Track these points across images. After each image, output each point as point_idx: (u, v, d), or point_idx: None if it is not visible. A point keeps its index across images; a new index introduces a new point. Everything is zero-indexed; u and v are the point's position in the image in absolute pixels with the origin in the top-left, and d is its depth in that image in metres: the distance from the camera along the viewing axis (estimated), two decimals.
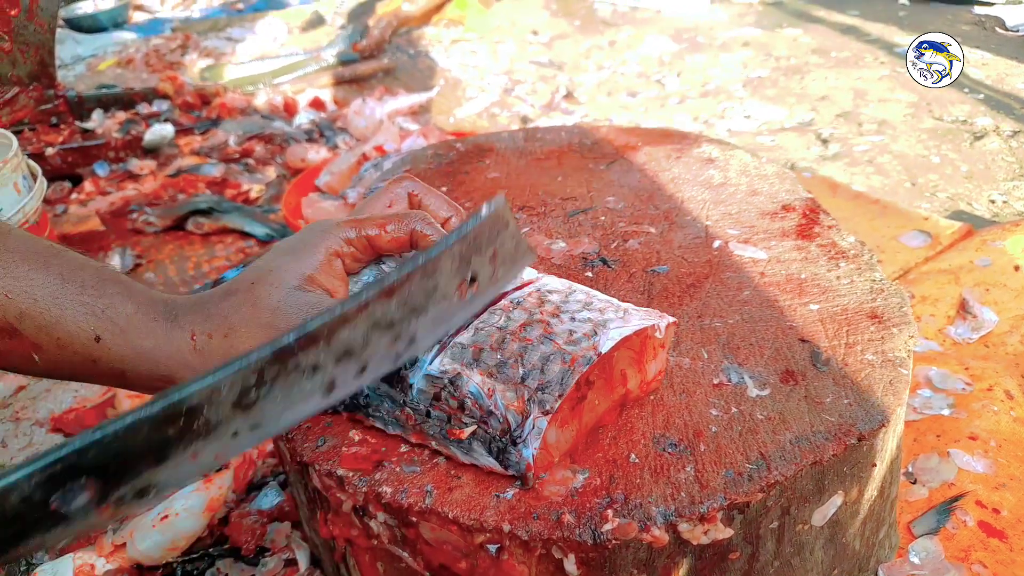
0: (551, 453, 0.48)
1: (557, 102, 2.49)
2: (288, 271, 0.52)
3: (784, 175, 0.86)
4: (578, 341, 0.49)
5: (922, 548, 0.69)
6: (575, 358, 0.48)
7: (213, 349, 0.52)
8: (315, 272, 0.53)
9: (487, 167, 0.94)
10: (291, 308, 0.51)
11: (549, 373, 0.48)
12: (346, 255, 0.55)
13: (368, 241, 0.55)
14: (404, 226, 0.54)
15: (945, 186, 1.80)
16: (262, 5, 3.66)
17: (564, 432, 0.49)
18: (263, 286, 0.52)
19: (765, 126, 2.21)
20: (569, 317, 0.52)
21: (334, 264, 0.54)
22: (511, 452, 0.47)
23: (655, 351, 0.53)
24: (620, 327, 0.50)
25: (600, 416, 0.52)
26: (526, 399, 0.47)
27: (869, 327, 0.61)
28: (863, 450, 0.52)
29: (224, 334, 0.52)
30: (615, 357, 0.50)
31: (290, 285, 0.52)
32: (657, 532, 0.46)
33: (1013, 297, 1.08)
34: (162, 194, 1.80)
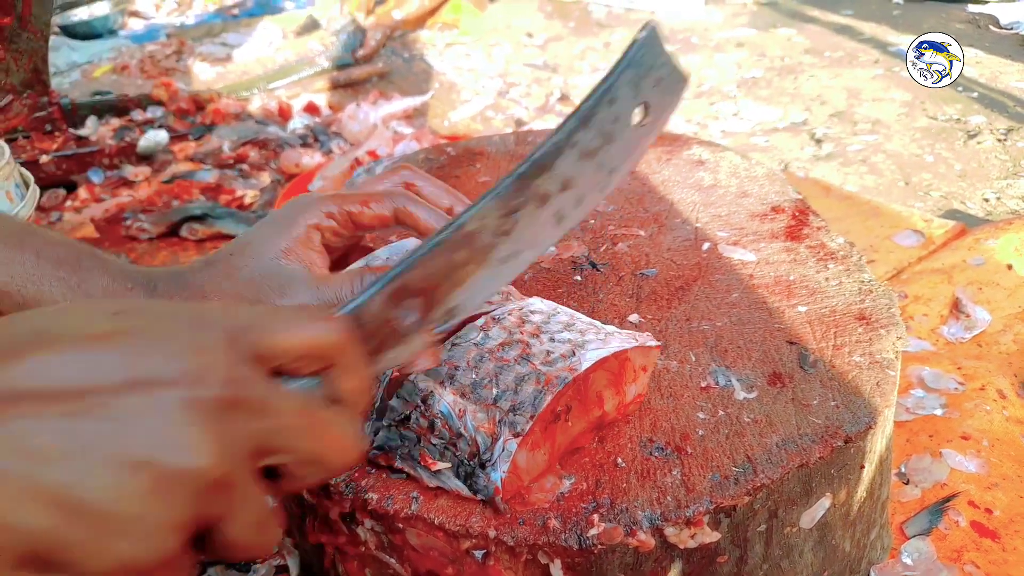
0: (521, 477, 0.47)
1: (552, 104, 2.49)
2: (266, 244, 0.53)
3: (774, 176, 0.86)
4: (554, 362, 0.48)
5: (914, 549, 0.69)
6: (549, 379, 0.47)
7: None
8: (292, 245, 0.53)
9: (478, 171, 0.94)
10: (265, 280, 0.51)
11: (522, 394, 0.47)
12: (325, 228, 0.54)
13: (349, 217, 0.54)
14: (387, 204, 0.54)
15: (939, 185, 1.80)
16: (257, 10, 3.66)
17: (536, 455, 0.47)
18: (240, 257, 0.53)
19: (759, 126, 2.22)
20: (549, 338, 0.51)
21: (312, 237, 0.54)
22: (479, 476, 0.46)
23: (635, 374, 0.52)
24: (598, 348, 0.49)
25: (575, 438, 0.50)
26: (497, 420, 0.46)
27: (857, 328, 0.61)
28: (850, 452, 0.52)
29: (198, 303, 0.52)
30: (591, 379, 0.49)
31: (267, 257, 0.52)
32: (643, 536, 0.46)
33: (1006, 296, 1.09)
34: (156, 200, 1.80)
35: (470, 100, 2.58)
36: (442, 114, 2.46)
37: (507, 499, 0.47)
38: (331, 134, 2.12)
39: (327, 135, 2.10)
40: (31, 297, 0.50)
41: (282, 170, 1.94)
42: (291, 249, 0.53)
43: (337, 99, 2.49)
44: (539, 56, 2.99)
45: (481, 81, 2.75)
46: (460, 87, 2.70)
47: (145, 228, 1.67)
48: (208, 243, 1.66)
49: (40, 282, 0.50)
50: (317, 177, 1.60)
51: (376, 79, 2.71)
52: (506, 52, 3.05)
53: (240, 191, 1.82)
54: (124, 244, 1.67)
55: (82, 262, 0.52)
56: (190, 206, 1.72)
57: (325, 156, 1.96)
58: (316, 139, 2.09)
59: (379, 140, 1.68)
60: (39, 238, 0.52)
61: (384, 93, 2.49)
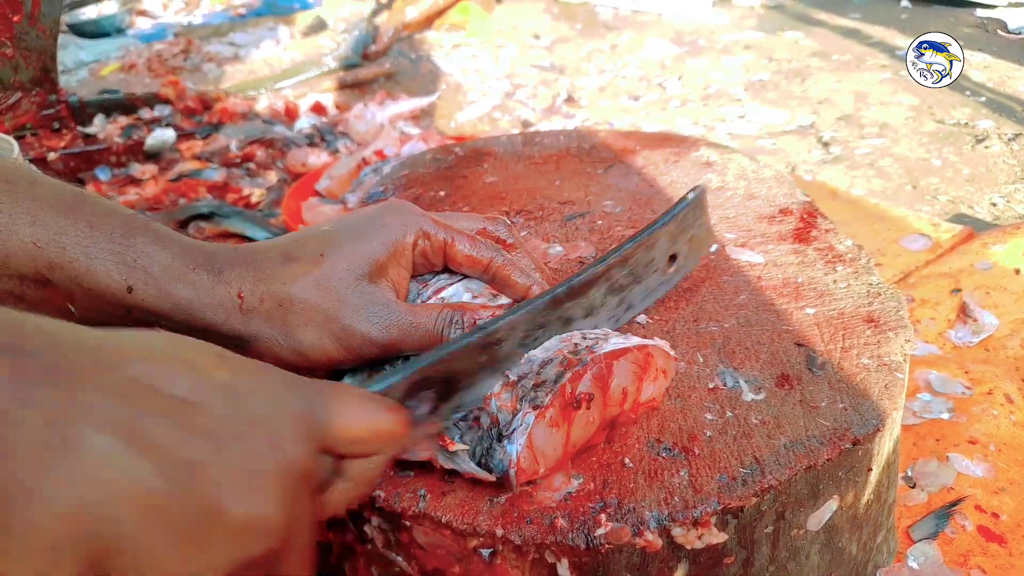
0: (536, 458, 0.47)
1: (558, 106, 2.49)
2: (358, 252, 0.50)
3: (782, 179, 0.86)
4: (580, 352, 0.49)
5: (921, 553, 0.69)
6: (571, 361, 0.48)
7: (265, 314, 0.50)
8: (386, 259, 0.51)
9: (485, 171, 0.94)
10: (357, 304, 0.49)
11: (544, 374, 0.47)
12: (419, 249, 0.52)
13: (445, 246, 0.52)
14: (488, 253, 0.53)
15: (946, 189, 1.79)
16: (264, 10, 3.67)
17: (552, 436, 0.47)
18: (332, 263, 0.50)
19: (766, 129, 2.21)
20: (581, 335, 0.51)
21: (405, 252, 0.52)
22: (495, 449, 0.46)
23: (656, 374, 0.52)
24: (622, 342, 0.50)
25: (590, 435, 0.50)
26: (519, 398, 0.47)
27: (865, 331, 0.61)
28: (858, 454, 0.52)
29: (279, 303, 0.49)
30: (615, 368, 0.49)
31: (359, 271, 0.50)
32: (650, 536, 0.46)
33: (1013, 301, 1.08)
34: (163, 199, 1.80)
35: (477, 101, 2.58)
36: (448, 115, 2.46)
37: (521, 483, 0.46)
38: (338, 134, 2.12)
39: (334, 135, 2.11)
40: (83, 269, 0.48)
41: (288, 169, 1.94)
42: (384, 265, 0.51)
43: (344, 99, 2.49)
44: (546, 58, 2.99)
45: (488, 82, 2.75)
46: (467, 88, 2.71)
47: None
48: (215, 241, 1.66)
49: (93, 255, 0.48)
50: (324, 176, 1.60)
51: (383, 79, 2.71)
52: (513, 53, 3.05)
53: (247, 190, 1.83)
54: None
55: (137, 236, 0.49)
56: (197, 204, 1.72)
57: (332, 156, 1.96)
58: (323, 139, 2.10)
59: (386, 140, 1.68)
60: (93, 207, 0.49)
61: (391, 93, 2.49)
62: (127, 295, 0.49)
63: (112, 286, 0.48)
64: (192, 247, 0.51)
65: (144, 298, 0.49)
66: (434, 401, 0.45)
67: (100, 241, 0.48)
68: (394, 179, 0.94)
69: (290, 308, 0.49)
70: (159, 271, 0.49)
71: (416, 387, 0.43)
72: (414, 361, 0.44)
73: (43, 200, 0.48)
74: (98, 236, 0.48)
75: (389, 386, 0.42)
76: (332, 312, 0.49)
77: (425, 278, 0.57)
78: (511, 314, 0.47)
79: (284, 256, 0.51)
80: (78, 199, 0.50)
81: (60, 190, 0.50)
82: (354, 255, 0.50)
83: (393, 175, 0.95)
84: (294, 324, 0.49)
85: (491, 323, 0.46)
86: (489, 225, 0.56)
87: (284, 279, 0.50)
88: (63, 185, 0.51)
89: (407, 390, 0.43)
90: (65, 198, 0.49)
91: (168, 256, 0.49)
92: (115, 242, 0.48)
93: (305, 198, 1.58)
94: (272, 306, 0.49)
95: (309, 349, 0.50)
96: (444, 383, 0.45)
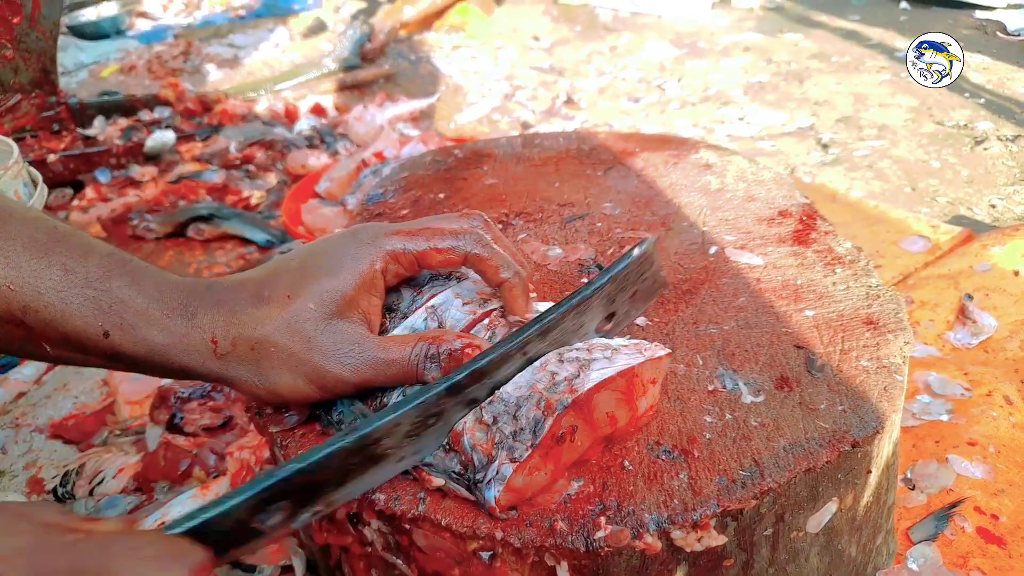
0: (519, 494, 0.46)
1: (558, 108, 2.49)
2: (328, 292, 0.50)
3: (781, 181, 0.86)
4: (558, 384, 0.47)
5: (920, 554, 0.69)
6: (550, 403, 0.46)
7: (237, 358, 0.50)
8: (355, 292, 0.50)
9: (485, 173, 0.94)
10: (326, 345, 0.49)
11: (522, 419, 0.46)
12: (390, 271, 0.52)
13: (416, 258, 0.52)
14: (459, 247, 0.51)
15: (945, 191, 1.80)
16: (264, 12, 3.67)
17: (535, 476, 0.46)
18: (300, 305, 0.49)
19: (765, 131, 2.22)
20: (558, 358, 0.49)
21: (377, 282, 0.51)
22: (474, 489, 0.46)
23: (644, 388, 0.51)
24: (603, 368, 0.48)
25: (583, 452, 0.49)
26: (495, 442, 0.46)
27: (864, 333, 0.61)
28: (857, 457, 0.52)
29: (251, 346, 0.49)
30: (595, 400, 0.48)
31: (327, 310, 0.49)
32: (650, 539, 0.46)
33: (1013, 302, 1.08)
34: (163, 200, 1.81)
35: (476, 103, 2.58)
36: (448, 116, 2.47)
37: (506, 509, 0.46)
38: (337, 135, 2.12)
39: (333, 136, 2.11)
40: (58, 314, 0.48)
41: (288, 171, 1.94)
42: (354, 299, 0.50)
43: (343, 101, 2.49)
44: (545, 59, 3.00)
45: (487, 84, 2.75)
46: (466, 90, 2.71)
47: (152, 228, 1.67)
48: (214, 243, 1.66)
49: (68, 300, 0.48)
50: (324, 178, 1.60)
51: (382, 81, 2.71)
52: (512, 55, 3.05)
53: (246, 192, 1.83)
54: (130, 244, 1.67)
55: (113, 279, 0.49)
56: (196, 206, 1.72)
57: (331, 157, 1.97)
58: (322, 140, 2.10)
59: (386, 142, 1.68)
60: (69, 247, 0.49)
61: (390, 95, 2.49)
62: (102, 339, 0.49)
63: (88, 331, 0.49)
64: (168, 287, 0.51)
65: (120, 343, 0.49)
66: (289, 511, 0.41)
67: (75, 286, 0.48)
68: (394, 181, 0.94)
69: (262, 351, 0.50)
70: (134, 318, 0.49)
71: (269, 502, 0.40)
72: (272, 473, 0.40)
73: (16, 240, 0.48)
74: (73, 281, 0.49)
75: (232, 507, 0.38)
76: (303, 355, 0.49)
77: (420, 282, 0.57)
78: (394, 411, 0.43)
79: (254, 297, 0.51)
80: (53, 238, 0.49)
81: (35, 228, 0.49)
82: (322, 293, 0.50)
83: (393, 177, 0.95)
84: (268, 367, 0.50)
85: (368, 424, 0.42)
86: (464, 222, 0.55)
87: (254, 323, 0.50)
88: (37, 220, 0.50)
89: (255, 508, 0.39)
90: (39, 238, 0.49)
91: (144, 301, 0.49)
92: (91, 287, 0.49)
93: (305, 200, 1.58)
94: (245, 350, 0.50)
95: (285, 390, 0.50)
96: (306, 490, 0.41)
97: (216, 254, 1.63)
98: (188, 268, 1.59)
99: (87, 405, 1.10)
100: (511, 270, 0.51)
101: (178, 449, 0.90)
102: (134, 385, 1.06)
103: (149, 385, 1.04)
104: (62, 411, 1.09)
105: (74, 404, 1.10)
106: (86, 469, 0.91)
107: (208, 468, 0.88)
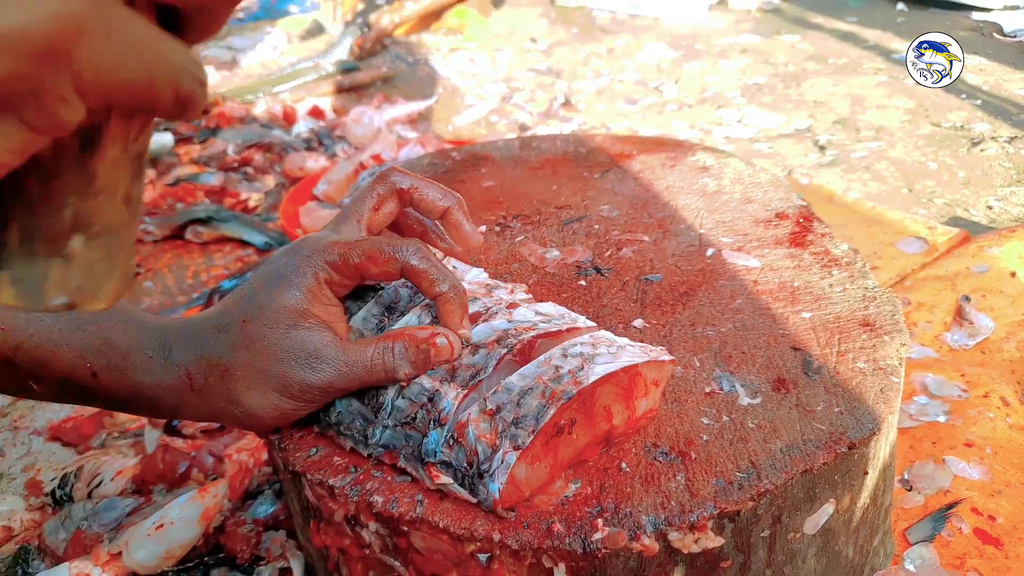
0: (521, 489, 0.47)
1: (555, 110, 2.50)
2: (279, 309, 0.50)
3: (778, 183, 0.86)
4: (562, 377, 0.47)
5: (917, 555, 0.69)
6: (555, 393, 0.46)
7: (211, 389, 0.51)
8: (307, 306, 0.51)
9: (482, 175, 0.94)
10: (288, 353, 0.50)
11: (525, 407, 0.46)
12: (334, 282, 0.52)
13: (356, 269, 0.52)
14: (395, 261, 0.50)
15: (942, 192, 1.80)
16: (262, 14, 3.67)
17: (536, 468, 0.47)
18: (256, 326, 0.50)
19: (763, 133, 2.22)
20: (562, 352, 0.50)
21: (324, 292, 0.52)
22: (477, 484, 0.46)
23: (646, 388, 0.51)
24: (607, 363, 0.48)
25: (580, 451, 0.50)
26: (499, 431, 0.46)
27: (861, 335, 0.61)
28: (854, 458, 0.52)
29: (220, 375, 0.51)
30: (598, 393, 0.48)
31: (284, 324, 0.50)
32: (647, 541, 0.46)
33: (1010, 304, 1.09)
34: (161, 203, 1.80)
35: (474, 105, 2.58)
36: (446, 119, 2.47)
37: (507, 507, 0.46)
38: (335, 138, 2.12)
39: (331, 139, 2.11)
40: (48, 355, 0.50)
41: (286, 173, 1.94)
42: (308, 312, 0.51)
43: (341, 103, 2.49)
44: (543, 61, 3.00)
45: (485, 86, 2.75)
46: (464, 92, 2.71)
47: (150, 230, 1.67)
48: (212, 245, 1.66)
49: (58, 342, 0.50)
50: (322, 181, 1.60)
51: (380, 83, 2.71)
52: (510, 57, 3.06)
53: (244, 194, 1.83)
54: None
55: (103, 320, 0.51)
56: (195, 209, 1.72)
57: (329, 160, 1.97)
58: (320, 143, 2.10)
59: (384, 144, 1.68)
60: None
61: (388, 97, 2.49)
62: (92, 379, 0.51)
63: (76, 372, 0.50)
64: (147, 330, 0.53)
65: (107, 384, 0.51)
66: None
67: (66, 329, 0.50)
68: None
69: (230, 376, 0.51)
70: (119, 360, 0.51)
71: None
72: None
73: None
74: (64, 324, 0.50)
75: None
76: (267, 368, 0.50)
77: None
78: None
79: (215, 329, 0.52)
80: None
81: None
82: (276, 311, 0.50)
83: None
84: (239, 390, 0.51)
85: None
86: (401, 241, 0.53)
87: (219, 352, 0.51)
88: None
89: None
90: None
91: (127, 342, 0.51)
92: (82, 329, 0.50)
93: (303, 202, 1.58)
94: (216, 380, 0.51)
95: (259, 409, 0.51)
96: None
97: (214, 257, 1.63)
98: (187, 271, 1.59)
99: (85, 408, 1.10)
100: (448, 283, 0.50)
101: (176, 451, 0.90)
102: None
103: None
104: (60, 414, 1.09)
105: (72, 407, 1.10)
106: (84, 471, 0.91)
107: (206, 470, 0.88)
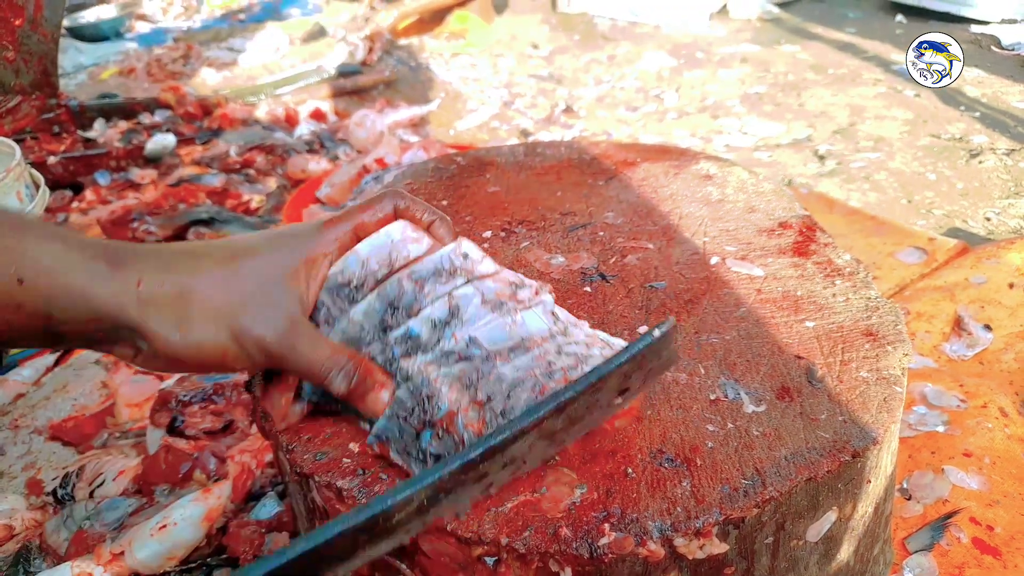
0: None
1: (556, 116, 2.50)
2: (272, 260, 0.53)
3: (781, 192, 0.87)
4: (554, 373, 0.48)
5: (916, 564, 0.70)
6: (545, 388, 0.47)
7: (162, 303, 0.49)
8: (298, 266, 0.53)
9: (488, 181, 0.94)
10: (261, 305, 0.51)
11: (514, 399, 0.47)
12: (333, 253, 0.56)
13: (354, 231, 0.56)
14: (382, 207, 0.57)
15: (941, 203, 1.81)
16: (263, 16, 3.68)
17: None
18: (242, 264, 0.52)
19: (762, 142, 2.23)
20: (556, 349, 0.51)
21: (318, 264, 0.55)
22: None
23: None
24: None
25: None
26: (486, 421, 0.47)
27: (864, 344, 0.62)
28: (857, 467, 0.53)
29: (180, 292, 0.50)
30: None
31: (271, 275, 0.52)
32: (653, 546, 0.46)
33: (1008, 315, 1.09)
34: (163, 203, 1.81)
35: (476, 110, 2.59)
36: (447, 123, 2.47)
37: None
38: (337, 140, 2.13)
39: (333, 141, 2.12)
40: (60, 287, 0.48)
41: (288, 175, 1.95)
42: (296, 273, 0.53)
43: (343, 106, 2.50)
44: (544, 67, 3.01)
45: (486, 91, 2.76)
46: (466, 97, 2.72)
47: (152, 231, 1.67)
48: None
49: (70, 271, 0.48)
50: (325, 184, 1.61)
51: (382, 87, 2.72)
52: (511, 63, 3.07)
53: (246, 195, 1.83)
54: None
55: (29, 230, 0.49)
56: (196, 210, 1.72)
57: (331, 162, 1.97)
58: (322, 145, 2.11)
59: (387, 148, 1.69)
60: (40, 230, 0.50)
61: (390, 101, 2.50)
62: (18, 288, 0.47)
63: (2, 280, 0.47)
64: (92, 243, 0.50)
65: (36, 288, 0.48)
66: None
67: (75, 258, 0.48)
68: (396, 187, 0.94)
69: (190, 299, 0.50)
70: (51, 261, 0.48)
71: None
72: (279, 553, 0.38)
73: None
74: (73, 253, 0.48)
75: None
76: (234, 308, 0.50)
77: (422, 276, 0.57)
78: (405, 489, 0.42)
79: (192, 252, 0.52)
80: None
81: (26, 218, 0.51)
82: (268, 261, 0.52)
83: (395, 184, 0.96)
84: (193, 316, 0.50)
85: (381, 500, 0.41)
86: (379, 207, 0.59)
87: (189, 271, 0.50)
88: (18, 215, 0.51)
89: None
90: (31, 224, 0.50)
91: (62, 248, 0.49)
92: (5, 236, 0.48)
93: (306, 205, 1.59)
94: (172, 294, 0.50)
95: (205, 343, 0.50)
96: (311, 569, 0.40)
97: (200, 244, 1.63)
98: None
99: (86, 407, 1.10)
100: (434, 214, 0.59)
101: (179, 452, 0.90)
102: (134, 387, 1.06)
103: (149, 387, 1.05)
104: (61, 413, 1.09)
105: (73, 406, 1.10)
106: (86, 471, 0.91)
107: (209, 471, 0.88)
